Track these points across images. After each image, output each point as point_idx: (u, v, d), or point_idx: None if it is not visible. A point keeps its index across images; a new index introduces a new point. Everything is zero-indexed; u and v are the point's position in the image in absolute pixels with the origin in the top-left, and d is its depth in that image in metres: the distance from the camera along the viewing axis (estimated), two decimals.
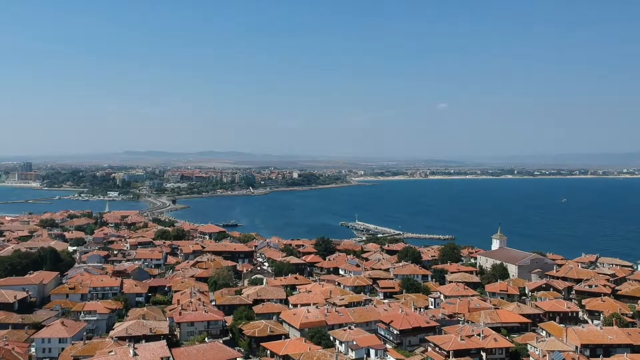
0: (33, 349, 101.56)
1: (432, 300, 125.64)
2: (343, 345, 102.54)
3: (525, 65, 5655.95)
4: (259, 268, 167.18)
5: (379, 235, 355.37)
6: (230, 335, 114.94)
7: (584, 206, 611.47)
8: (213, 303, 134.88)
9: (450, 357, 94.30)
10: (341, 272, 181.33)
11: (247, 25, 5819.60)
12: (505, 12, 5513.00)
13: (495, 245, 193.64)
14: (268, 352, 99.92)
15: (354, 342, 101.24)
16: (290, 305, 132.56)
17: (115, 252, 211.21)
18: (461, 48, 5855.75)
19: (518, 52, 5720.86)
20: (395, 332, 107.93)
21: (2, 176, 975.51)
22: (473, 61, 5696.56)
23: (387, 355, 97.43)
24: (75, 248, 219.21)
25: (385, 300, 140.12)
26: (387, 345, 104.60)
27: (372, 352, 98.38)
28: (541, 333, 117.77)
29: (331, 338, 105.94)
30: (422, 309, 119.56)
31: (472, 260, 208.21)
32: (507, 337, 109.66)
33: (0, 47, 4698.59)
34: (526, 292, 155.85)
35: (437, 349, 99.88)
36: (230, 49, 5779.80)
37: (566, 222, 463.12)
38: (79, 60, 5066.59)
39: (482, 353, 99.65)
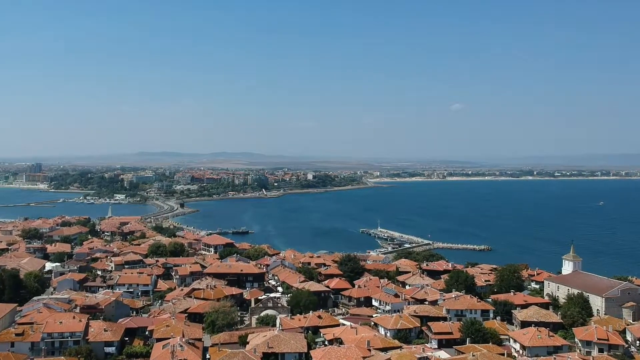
0: None
1: None
2: None
3: (537, 65, 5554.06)
4: (270, 303, 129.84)
5: (406, 245, 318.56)
6: None
7: (623, 210, 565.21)
8: (207, 357, 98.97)
9: None
10: (375, 302, 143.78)
11: (260, 25, 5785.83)
12: (519, 10, 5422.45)
13: (568, 268, 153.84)
14: None
15: None
16: None
17: (99, 272, 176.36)
18: (474, 47, 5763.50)
19: (529, 52, 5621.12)
20: None
21: (10, 177, 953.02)
22: (486, 61, 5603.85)
23: None
24: (54, 266, 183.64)
25: (443, 354, 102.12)
26: None
27: None
28: None
29: None
30: None
31: (534, 285, 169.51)
32: None
33: (13, 48, 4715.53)
34: (627, 339, 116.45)
35: None
36: (243, 49, 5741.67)
37: (611, 229, 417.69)
38: (92, 61, 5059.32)
39: None
